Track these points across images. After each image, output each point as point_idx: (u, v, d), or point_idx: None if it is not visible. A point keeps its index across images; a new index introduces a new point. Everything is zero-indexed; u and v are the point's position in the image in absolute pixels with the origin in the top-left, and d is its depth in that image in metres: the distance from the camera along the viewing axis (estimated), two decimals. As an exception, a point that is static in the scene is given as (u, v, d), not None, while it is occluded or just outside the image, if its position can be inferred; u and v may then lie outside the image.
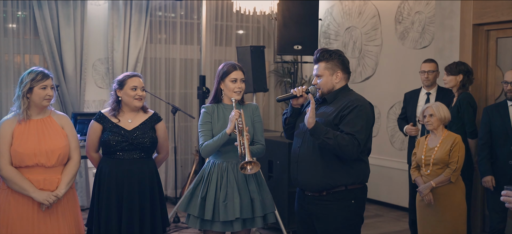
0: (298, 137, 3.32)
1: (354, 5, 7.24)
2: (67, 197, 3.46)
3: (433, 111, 4.12)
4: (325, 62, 3.22)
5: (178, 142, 7.06)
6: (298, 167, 3.26)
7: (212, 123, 3.56)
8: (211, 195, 3.49)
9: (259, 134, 3.64)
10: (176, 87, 7.21)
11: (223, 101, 3.63)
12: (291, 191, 5.30)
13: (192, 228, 5.73)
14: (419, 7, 6.35)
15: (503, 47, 5.59)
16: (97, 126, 3.64)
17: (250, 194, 3.54)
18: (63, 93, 6.31)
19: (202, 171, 3.67)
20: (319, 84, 3.23)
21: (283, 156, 5.36)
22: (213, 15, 7.30)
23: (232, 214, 3.45)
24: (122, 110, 3.67)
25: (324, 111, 3.22)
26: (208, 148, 3.50)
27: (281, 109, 7.88)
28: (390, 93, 6.65)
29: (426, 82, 5.16)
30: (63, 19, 6.28)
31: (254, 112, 3.66)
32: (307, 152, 3.22)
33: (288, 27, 5.59)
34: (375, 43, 6.94)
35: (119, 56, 6.63)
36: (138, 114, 3.70)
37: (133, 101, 3.62)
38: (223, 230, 3.52)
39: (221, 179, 3.52)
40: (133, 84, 3.61)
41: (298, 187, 3.35)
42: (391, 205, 6.69)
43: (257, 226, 3.57)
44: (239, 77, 3.56)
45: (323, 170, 3.15)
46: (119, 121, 3.63)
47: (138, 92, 3.62)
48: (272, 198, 3.69)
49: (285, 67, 7.75)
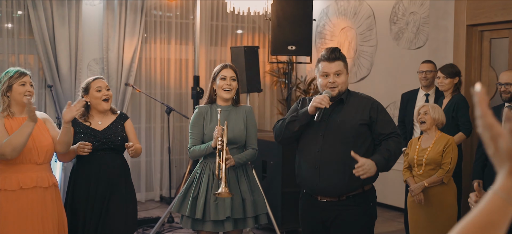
0: (312, 140, 3.14)
1: (349, 6, 7.24)
2: (51, 197, 3.45)
3: (428, 109, 4.12)
4: (343, 61, 3.16)
5: (173, 142, 7.06)
6: (320, 172, 3.08)
7: (204, 124, 3.59)
8: (202, 194, 3.52)
9: (253, 137, 3.66)
10: (171, 87, 7.21)
11: (217, 102, 3.66)
12: (285, 192, 5.31)
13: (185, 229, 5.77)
14: (413, 8, 6.36)
15: (496, 48, 5.60)
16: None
17: (242, 195, 3.55)
18: (58, 93, 6.31)
19: (194, 172, 3.69)
20: (338, 83, 3.11)
21: (277, 156, 5.37)
22: (208, 15, 7.31)
23: (223, 213, 3.47)
24: (91, 115, 3.79)
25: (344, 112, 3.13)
26: (195, 153, 3.59)
27: (277, 110, 7.89)
28: (385, 93, 6.66)
29: (424, 82, 5.16)
30: (58, 19, 6.28)
31: (248, 114, 3.67)
32: (329, 156, 3.07)
33: (282, 27, 5.59)
34: (370, 43, 6.95)
35: (114, 57, 6.63)
36: (106, 116, 3.83)
37: (101, 103, 3.74)
38: (214, 229, 3.53)
39: (212, 178, 3.54)
40: (97, 85, 3.74)
41: (315, 193, 3.15)
42: (386, 205, 6.69)
43: (249, 226, 3.59)
44: (228, 75, 3.60)
45: (347, 173, 3.04)
46: (90, 124, 3.76)
47: (104, 93, 3.74)
48: (264, 199, 3.69)
49: (280, 68, 7.76)
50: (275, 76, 7.88)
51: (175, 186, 7.06)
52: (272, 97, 7.97)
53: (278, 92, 7.99)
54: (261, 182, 5.37)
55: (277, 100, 7.96)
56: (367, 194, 3.17)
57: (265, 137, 5.91)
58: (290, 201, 5.28)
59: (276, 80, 7.89)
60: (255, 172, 5.28)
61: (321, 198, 3.14)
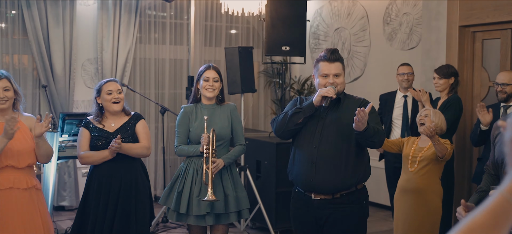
0: (309, 137, 3.17)
1: (343, 6, 7.28)
2: (31, 199, 3.45)
3: (429, 113, 4.13)
4: (341, 63, 3.23)
5: (167, 142, 7.08)
6: (316, 168, 3.12)
7: (190, 123, 3.76)
8: (186, 189, 3.69)
9: (239, 134, 3.86)
10: (165, 88, 7.22)
11: (201, 101, 3.82)
12: (279, 191, 5.33)
13: (180, 228, 5.79)
14: (406, 9, 6.40)
15: (488, 48, 5.65)
16: (86, 132, 3.84)
17: (224, 190, 3.72)
18: (52, 93, 6.31)
19: (180, 168, 3.85)
20: (337, 83, 3.17)
21: (270, 156, 5.39)
22: (202, 16, 7.32)
23: (204, 208, 3.63)
24: (105, 116, 3.88)
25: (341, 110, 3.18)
26: (182, 152, 3.78)
27: (271, 110, 7.92)
28: (378, 93, 6.68)
29: (406, 84, 5.25)
30: (52, 19, 6.28)
31: (232, 112, 3.85)
32: (326, 153, 3.12)
33: (276, 28, 5.61)
34: (364, 44, 6.99)
35: (108, 57, 6.64)
36: (120, 118, 3.89)
37: (111, 105, 3.81)
38: (196, 223, 3.70)
39: (197, 174, 3.71)
40: (108, 89, 3.82)
41: (310, 190, 3.18)
42: (378, 204, 6.73)
43: (231, 220, 3.76)
44: (211, 76, 3.77)
45: (344, 170, 3.11)
46: (104, 126, 3.84)
47: (114, 96, 3.81)
48: (246, 195, 3.85)
49: (274, 68, 7.78)
50: (269, 77, 7.90)
51: (169, 186, 7.07)
52: (266, 98, 7.99)
53: (272, 93, 8.02)
54: (255, 181, 5.41)
55: (271, 101, 7.99)
56: (360, 193, 3.22)
57: (259, 137, 5.94)
58: (284, 201, 5.31)
59: (269, 81, 7.92)
60: (249, 171, 5.31)
61: (315, 196, 3.17)
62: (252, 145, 5.63)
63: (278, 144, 5.33)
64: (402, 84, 5.30)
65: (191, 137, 3.76)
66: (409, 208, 4.08)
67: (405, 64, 5.37)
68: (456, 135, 5.28)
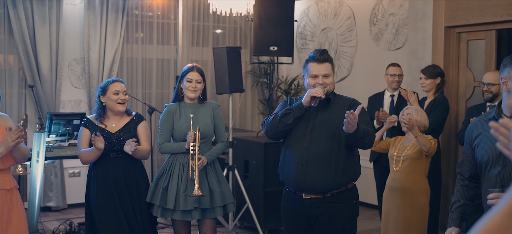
0: (300, 137, 3.21)
1: (329, 7, 7.32)
2: (12, 198, 3.44)
3: (411, 112, 4.18)
4: (331, 63, 3.25)
5: (155, 142, 7.06)
6: (307, 169, 3.15)
7: (174, 121, 3.84)
8: (173, 186, 3.76)
9: (221, 131, 3.96)
10: (152, 88, 7.21)
11: (184, 100, 3.91)
12: (267, 191, 5.36)
13: (167, 228, 5.78)
14: (393, 9, 6.46)
15: (473, 49, 5.73)
16: (87, 131, 3.84)
17: (210, 186, 3.80)
18: (38, 93, 6.26)
19: (164, 165, 3.91)
20: (327, 84, 3.19)
21: (259, 156, 5.41)
22: (190, 16, 7.32)
23: (191, 204, 3.72)
24: (107, 116, 3.87)
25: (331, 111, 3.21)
26: (166, 149, 3.85)
27: (258, 109, 7.94)
28: (365, 93, 6.73)
29: (395, 85, 5.31)
30: (38, 19, 6.24)
31: (214, 110, 3.94)
32: (316, 153, 3.14)
33: (264, 28, 5.63)
34: (350, 44, 7.04)
35: (95, 56, 6.61)
36: (122, 118, 3.90)
37: (116, 106, 3.81)
38: (182, 218, 3.79)
39: (183, 171, 3.78)
40: (115, 89, 3.81)
41: (301, 189, 3.20)
42: (365, 204, 6.78)
43: (217, 215, 3.85)
44: (194, 78, 3.85)
45: (334, 170, 3.14)
46: (106, 126, 3.84)
47: (121, 96, 3.81)
48: (230, 190, 4.00)
49: (261, 68, 7.80)
50: (256, 77, 7.92)
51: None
52: (253, 98, 8.01)
53: (259, 93, 8.04)
54: (243, 181, 5.42)
55: (258, 100, 8.01)
56: (350, 192, 3.25)
57: (247, 136, 5.96)
58: (272, 200, 5.34)
59: (257, 81, 7.94)
60: (237, 171, 5.33)
61: (305, 195, 3.19)
62: (240, 145, 5.64)
63: (266, 144, 5.35)
64: (392, 85, 5.35)
65: (176, 135, 3.84)
66: (397, 207, 4.12)
67: (395, 65, 5.39)
68: (442, 134, 5.34)
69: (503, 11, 5.18)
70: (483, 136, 2.65)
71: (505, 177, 2.52)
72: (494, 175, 2.57)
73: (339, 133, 3.12)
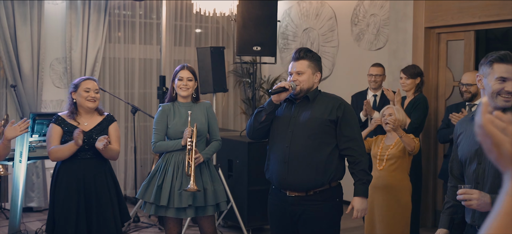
0: (282, 136, 3.25)
1: (311, 7, 7.39)
2: None
3: (393, 112, 4.26)
4: (309, 60, 3.25)
5: (138, 141, 7.06)
6: (288, 167, 3.19)
7: (168, 120, 3.89)
8: (167, 183, 3.80)
9: (215, 130, 4.02)
10: (135, 87, 7.20)
11: (178, 99, 3.96)
12: (251, 190, 5.40)
13: (152, 228, 5.79)
14: (374, 10, 6.54)
15: (453, 49, 5.85)
16: (58, 128, 3.82)
17: (203, 184, 3.85)
18: (20, 93, 6.21)
19: (158, 163, 3.95)
20: (299, 81, 3.22)
21: (242, 155, 5.45)
22: (172, 15, 7.32)
23: (186, 201, 3.77)
24: (79, 113, 3.88)
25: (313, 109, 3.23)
26: (162, 148, 3.89)
27: (241, 109, 7.97)
28: (346, 93, 6.79)
29: (373, 85, 5.41)
30: (20, 18, 6.18)
31: (208, 109, 4.00)
32: (297, 152, 3.18)
33: (248, 28, 5.66)
34: (332, 44, 7.11)
35: (77, 56, 6.58)
36: (93, 117, 3.91)
37: (86, 103, 3.82)
38: (176, 216, 3.83)
39: (177, 169, 3.83)
40: (87, 87, 3.84)
41: (284, 187, 3.25)
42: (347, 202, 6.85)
43: (209, 213, 3.89)
44: (185, 76, 3.91)
45: (315, 168, 3.16)
46: (78, 124, 3.83)
47: (91, 94, 3.83)
48: (223, 189, 4.04)
49: (244, 68, 7.84)
50: (239, 77, 7.96)
51: (140, 185, 7.04)
52: (235, 97, 8.04)
53: (241, 92, 8.07)
54: (227, 180, 5.45)
55: (241, 100, 8.05)
56: (334, 190, 3.26)
57: (230, 136, 5.99)
58: (256, 199, 5.38)
59: (239, 81, 7.97)
60: (221, 170, 5.36)
61: (289, 193, 3.23)
62: (224, 144, 5.62)
63: (250, 143, 5.38)
64: (370, 85, 5.46)
65: (170, 133, 3.88)
66: (381, 205, 4.19)
67: (376, 65, 5.47)
68: (422, 133, 5.44)
69: (481, 13, 5.30)
70: (464, 134, 2.73)
71: (479, 174, 2.60)
72: (471, 172, 2.65)
73: (320, 131, 3.17)
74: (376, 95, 5.44)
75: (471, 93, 4.63)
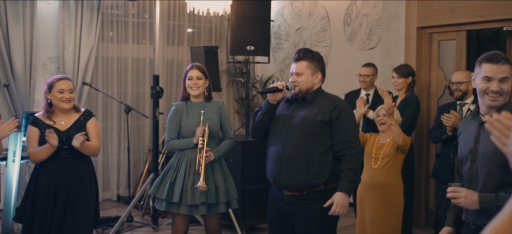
0: (277, 136, 3.27)
1: (304, 7, 7.41)
2: None
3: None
4: (308, 61, 3.26)
5: (131, 141, 7.05)
6: (281, 167, 3.21)
7: (181, 119, 3.94)
8: (179, 181, 3.86)
9: (228, 128, 4.08)
10: (128, 87, 7.19)
11: (190, 99, 4.01)
12: (245, 189, 5.41)
13: (145, 227, 5.79)
14: (366, 10, 6.58)
15: (445, 49, 5.90)
16: (35, 129, 3.77)
17: (215, 182, 3.89)
18: (12, 93, 6.19)
19: (171, 161, 4.01)
20: (299, 82, 3.23)
21: (236, 154, 5.46)
22: (165, 15, 7.32)
23: (198, 198, 3.82)
24: (55, 113, 3.83)
25: (308, 111, 3.23)
26: (174, 146, 3.96)
27: (234, 109, 7.99)
28: (339, 93, 6.81)
29: (363, 85, 5.46)
30: (12, 17, 6.16)
31: (220, 108, 4.05)
32: (290, 152, 3.19)
33: (241, 28, 5.68)
34: (325, 44, 7.14)
35: (70, 55, 6.56)
36: (70, 115, 3.86)
37: (60, 103, 3.77)
38: (188, 212, 3.87)
39: (190, 167, 3.88)
40: (60, 88, 3.77)
41: (278, 187, 3.28)
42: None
43: (221, 210, 3.93)
44: (194, 75, 3.95)
45: (307, 170, 3.15)
46: (54, 123, 3.78)
47: (65, 95, 3.76)
48: (235, 187, 4.05)
49: (237, 67, 7.85)
50: (231, 76, 7.97)
51: (133, 185, 7.04)
52: (228, 97, 8.06)
53: (234, 92, 8.09)
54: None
55: (234, 100, 8.06)
56: (331, 192, 3.20)
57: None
58: (249, 199, 5.40)
59: (232, 80, 7.98)
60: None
61: (285, 191, 3.25)
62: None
63: (244, 143, 5.40)
64: (361, 85, 5.51)
65: (183, 132, 3.94)
66: (375, 203, 4.22)
67: (366, 65, 5.52)
68: (414, 132, 5.48)
69: (473, 13, 5.35)
70: (462, 134, 2.77)
71: (472, 173, 2.64)
72: (465, 170, 2.69)
73: (313, 132, 3.17)
74: (368, 94, 5.48)
75: (461, 91, 4.66)
